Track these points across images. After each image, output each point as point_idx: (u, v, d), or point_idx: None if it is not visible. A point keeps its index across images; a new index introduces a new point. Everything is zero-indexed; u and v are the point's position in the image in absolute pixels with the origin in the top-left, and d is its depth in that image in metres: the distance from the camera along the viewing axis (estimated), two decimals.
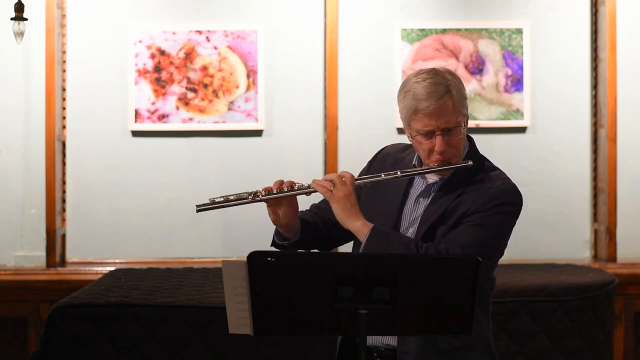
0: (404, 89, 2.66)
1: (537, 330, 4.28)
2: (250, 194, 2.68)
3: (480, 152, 2.79)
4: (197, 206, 2.73)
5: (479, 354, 2.64)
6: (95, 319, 3.86)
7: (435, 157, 2.64)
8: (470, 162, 2.65)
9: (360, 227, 2.62)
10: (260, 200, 2.68)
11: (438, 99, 2.60)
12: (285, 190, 2.68)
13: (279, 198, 2.69)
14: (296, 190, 2.68)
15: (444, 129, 2.62)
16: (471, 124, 5.28)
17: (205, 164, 5.32)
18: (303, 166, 5.31)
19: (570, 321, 4.31)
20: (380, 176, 2.70)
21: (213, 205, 2.71)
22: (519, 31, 5.33)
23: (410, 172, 2.69)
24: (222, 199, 2.71)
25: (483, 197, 2.62)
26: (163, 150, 5.32)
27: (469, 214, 2.60)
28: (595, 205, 5.42)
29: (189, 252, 5.33)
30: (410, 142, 2.72)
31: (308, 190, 2.68)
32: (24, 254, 5.27)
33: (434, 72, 2.66)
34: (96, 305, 3.90)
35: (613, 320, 4.55)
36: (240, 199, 2.69)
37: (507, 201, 2.63)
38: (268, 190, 2.69)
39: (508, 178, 2.69)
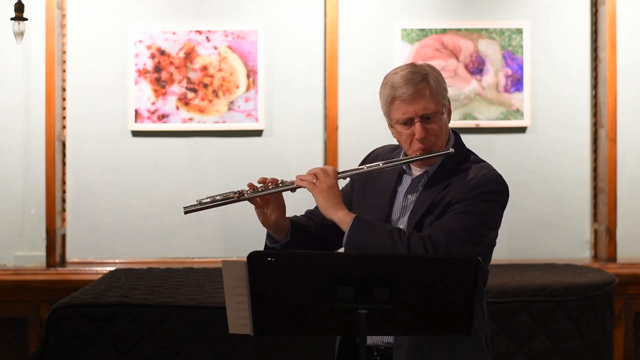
0: (383, 83, 2.70)
1: (537, 330, 4.28)
2: (236, 193, 2.69)
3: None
4: (184, 208, 2.73)
5: (468, 345, 2.63)
6: (95, 319, 3.86)
7: (417, 145, 2.65)
8: (452, 150, 2.67)
9: (342, 216, 2.63)
10: (246, 199, 2.69)
11: (415, 85, 2.62)
12: (270, 187, 2.69)
13: (265, 197, 2.70)
14: (280, 187, 2.69)
15: (422, 115, 2.63)
16: (471, 123, 5.28)
17: (205, 164, 5.32)
18: (303, 166, 5.26)
19: (570, 321, 4.31)
20: (363, 168, 2.73)
21: (200, 206, 2.71)
22: (519, 31, 5.33)
23: (392, 162, 2.71)
24: (209, 199, 2.71)
25: (468, 185, 2.62)
26: (163, 150, 5.32)
27: (454, 202, 2.61)
28: (595, 205, 5.42)
29: (189, 252, 5.33)
30: (394, 137, 2.72)
31: (293, 187, 2.69)
32: (24, 254, 5.27)
33: (412, 65, 2.70)
34: (96, 305, 3.90)
35: (613, 320, 4.55)
36: (227, 199, 2.69)
37: (492, 190, 2.63)
38: (253, 188, 2.69)
39: (494, 169, 2.70)
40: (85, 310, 3.88)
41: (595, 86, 5.40)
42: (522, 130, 5.38)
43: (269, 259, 2.29)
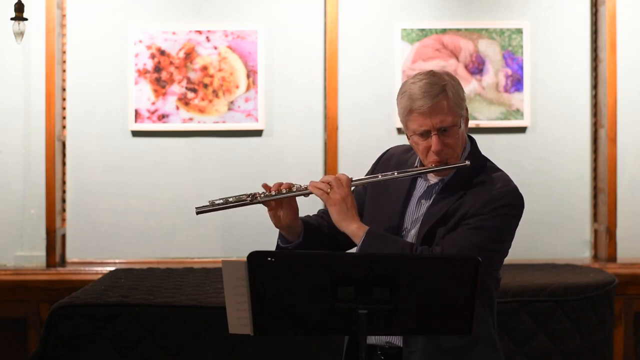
0: (401, 91, 2.67)
1: (537, 330, 4.28)
2: (249, 195, 2.69)
3: (487, 157, 2.77)
4: (196, 208, 2.73)
5: (483, 349, 2.63)
6: (95, 319, 3.86)
7: (432, 157, 2.64)
8: (468, 162, 2.65)
9: (355, 230, 2.62)
10: (259, 202, 2.69)
11: (432, 98, 2.60)
12: (284, 191, 2.68)
13: (278, 200, 2.69)
14: (294, 192, 2.68)
15: (439, 128, 2.61)
16: (471, 124, 5.24)
17: (205, 164, 5.32)
18: (303, 166, 5.31)
19: (570, 321, 4.31)
20: (378, 177, 2.71)
21: (212, 207, 2.71)
22: (519, 31, 5.33)
23: (407, 172, 2.70)
24: (221, 201, 2.71)
25: (483, 199, 2.61)
26: (163, 150, 5.32)
27: (469, 217, 2.59)
28: (595, 205, 5.42)
29: (189, 252, 5.33)
30: (411, 144, 2.72)
31: (306, 192, 2.68)
32: (24, 254, 5.27)
33: (431, 74, 2.66)
34: (96, 305, 3.90)
35: (613, 320, 4.55)
36: (239, 201, 2.69)
37: (508, 204, 2.62)
38: (267, 189, 2.69)
39: (510, 180, 2.68)
40: (85, 310, 3.88)
41: (595, 86, 5.40)
42: (522, 130, 5.38)
43: (269, 259, 2.29)
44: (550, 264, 5.05)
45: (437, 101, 2.60)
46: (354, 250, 2.76)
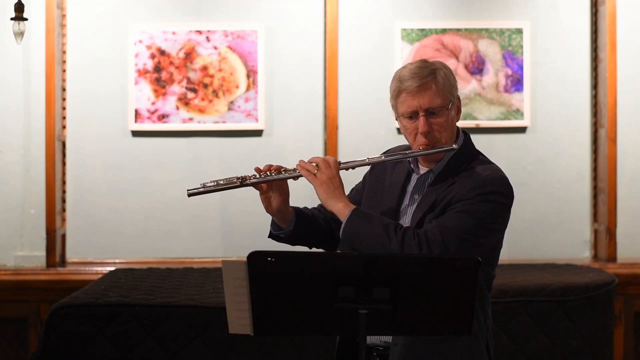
0: (393, 77, 2.70)
1: (537, 330, 4.28)
2: (239, 178, 2.73)
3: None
4: (188, 191, 2.79)
5: (466, 339, 2.61)
6: (95, 319, 3.86)
7: (421, 140, 2.64)
8: (455, 146, 2.65)
9: (341, 208, 2.63)
10: (249, 185, 2.73)
11: (421, 79, 2.62)
12: (273, 174, 2.72)
13: (269, 183, 2.72)
14: (283, 174, 2.72)
15: (427, 109, 2.62)
16: (471, 123, 5.28)
17: (205, 164, 5.32)
18: None
19: (570, 321, 4.32)
20: (365, 160, 2.73)
21: (204, 189, 2.76)
22: (519, 31, 5.33)
23: (395, 155, 2.71)
24: (212, 183, 2.76)
25: (470, 185, 2.60)
26: (163, 150, 5.32)
27: (455, 202, 2.59)
28: (595, 205, 5.42)
29: (189, 252, 5.33)
30: (402, 131, 2.72)
31: (294, 175, 2.71)
32: (24, 254, 5.27)
33: (423, 60, 2.69)
34: (96, 305, 3.90)
35: (613, 320, 4.55)
36: (230, 184, 2.74)
37: (495, 190, 2.60)
38: (259, 172, 2.74)
39: (500, 170, 2.67)
40: (85, 310, 3.88)
41: (595, 86, 5.40)
42: (522, 130, 5.38)
43: (269, 259, 2.29)
44: (550, 264, 5.05)
45: (425, 82, 2.62)
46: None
